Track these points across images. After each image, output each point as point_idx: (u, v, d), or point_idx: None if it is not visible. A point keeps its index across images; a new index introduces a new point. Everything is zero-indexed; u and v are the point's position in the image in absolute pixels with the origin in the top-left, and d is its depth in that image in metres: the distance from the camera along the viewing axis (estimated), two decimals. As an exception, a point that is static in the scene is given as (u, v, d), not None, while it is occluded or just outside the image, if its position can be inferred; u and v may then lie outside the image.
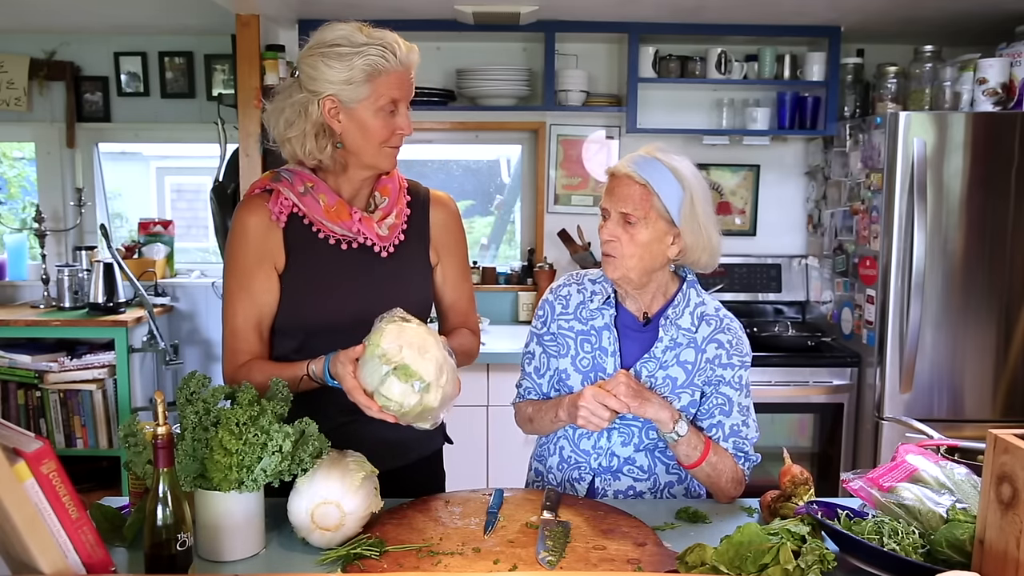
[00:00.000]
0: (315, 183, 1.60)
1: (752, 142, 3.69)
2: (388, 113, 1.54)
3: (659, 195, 1.54)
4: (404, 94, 1.55)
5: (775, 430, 3.28)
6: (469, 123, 3.66)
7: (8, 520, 1.06)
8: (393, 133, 1.56)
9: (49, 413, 3.39)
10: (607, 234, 1.58)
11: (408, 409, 1.37)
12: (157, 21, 3.45)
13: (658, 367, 1.63)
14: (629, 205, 1.55)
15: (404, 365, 1.35)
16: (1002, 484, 1.10)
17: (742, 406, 1.65)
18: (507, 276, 3.79)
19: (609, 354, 1.64)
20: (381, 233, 1.62)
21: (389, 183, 1.67)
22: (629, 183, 1.55)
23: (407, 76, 1.55)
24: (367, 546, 1.32)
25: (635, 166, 1.55)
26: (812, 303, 3.70)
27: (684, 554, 1.28)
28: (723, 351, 1.63)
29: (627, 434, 1.66)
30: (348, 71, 1.50)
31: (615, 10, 3.20)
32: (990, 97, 3.06)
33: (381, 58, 1.50)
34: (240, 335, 1.60)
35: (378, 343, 1.37)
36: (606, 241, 1.58)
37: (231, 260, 1.60)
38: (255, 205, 1.60)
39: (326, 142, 1.56)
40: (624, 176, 1.56)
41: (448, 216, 1.74)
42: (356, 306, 1.58)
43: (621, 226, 1.56)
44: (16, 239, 3.86)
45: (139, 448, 1.34)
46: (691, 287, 1.68)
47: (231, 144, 3.30)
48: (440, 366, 1.39)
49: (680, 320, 1.64)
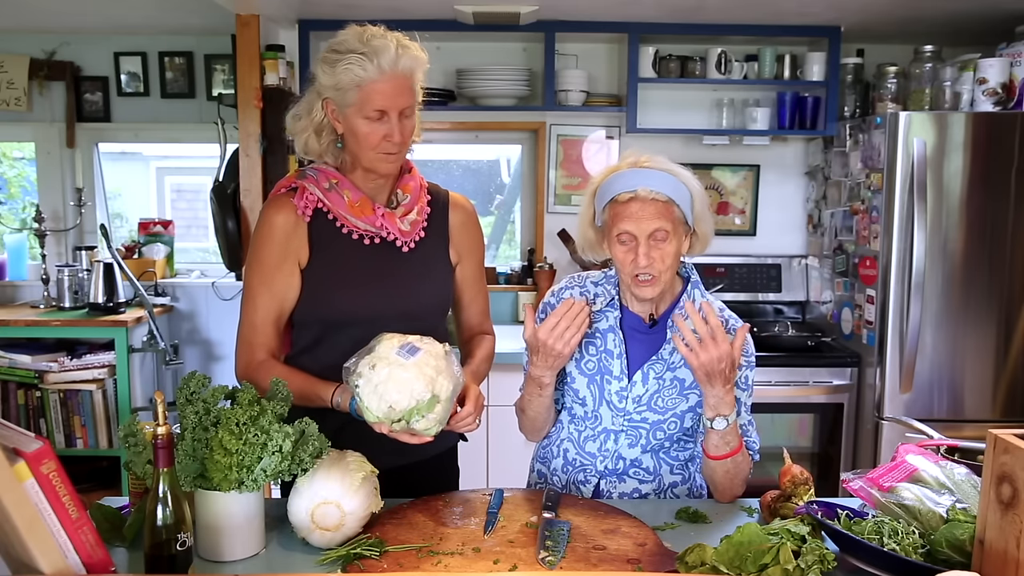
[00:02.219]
0: (339, 180, 1.64)
1: (752, 142, 3.69)
2: (376, 120, 1.55)
3: (678, 205, 1.55)
4: (392, 103, 1.54)
5: (775, 430, 3.28)
6: (469, 123, 3.66)
7: (8, 520, 1.06)
8: (383, 140, 1.56)
9: (49, 413, 3.39)
10: (644, 260, 1.53)
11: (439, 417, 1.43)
12: (157, 21, 3.45)
13: (666, 368, 1.63)
14: (659, 223, 1.53)
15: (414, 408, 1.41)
16: (1002, 484, 1.10)
17: (748, 407, 1.65)
18: (507, 276, 3.79)
19: (615, 356, 1.64)
20: (403, 228, 1.66)
21: (411, 181, 1.71)
22: (653, 203, 1.53)
23: (397, 84, 1.53)
24: (367, 546, 1.32)
25: (652, 184, 1.54)
26: (812, 303, 3.70)
27: (684, 554, 1.28)
28: None
29: (634, 436, 1.65)
30: (335, 77, 1.53)
31: (615, 10, 3.20)
32: (990, 97, 3.06)
33: (360, 68, 1.51)
34: (258, 329, 1.63)
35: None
36: (644, 267, 1.54)
37: (255, 255, 1.63)
38: (281, 203, 1.63)
39: (327, 140, 1.62)
40: (649, 199, 1.53)
41: (467, 218, 1.78)
42: (377, 300, 1.63)
43: (652, 246, 1.54)
44: (16, 239, 3.85)
45: (139, 448, 1.34)
46: (695, 287, 1.68)
47: (231, 144, 3.30)
48: (431, 379, 1.41)
49: (687, 321, 1.64)
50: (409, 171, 1.72)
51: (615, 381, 1.64)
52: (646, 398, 1.63)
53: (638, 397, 1.63)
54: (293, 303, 1.64)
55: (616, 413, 1.65)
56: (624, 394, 1.63)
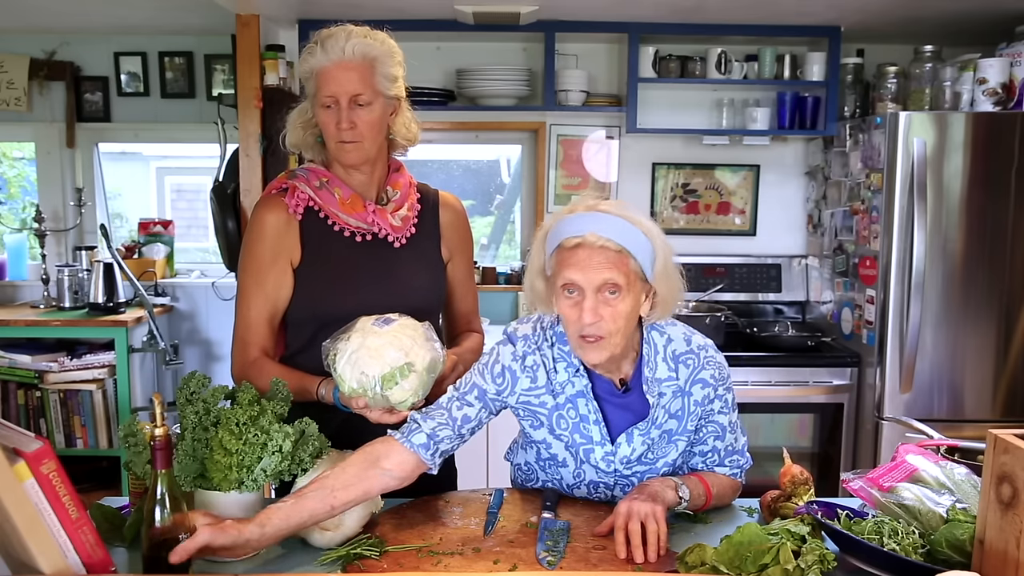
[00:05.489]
0: (330, 178, 1.65)
1: (752, 142, 3.69)
2: (329, 108, 1.57)
3: (634, 256, 1.38)
4: (340, 88, 1.55)
5: (775, 430, 3.28)
6: (469, 123, 3.66)
7: (8, 520, 1.06)
8: (336, 128, 1.58)
9: (49, 413, 3.39)
10: (590, 315, 1.36)
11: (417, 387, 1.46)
12: (157, 21, 3.45)
13: (651, 426, 1.51)
14: (609, 275, 1.35)
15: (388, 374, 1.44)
16: (1002, 484, 1.10)
17: (732, 423, 1.57)
18: (507, 276, 3.79)
19: (591, 423, 1.51)
20: (395, 224, 1.67)
21: (400, 178, 1.72)
22: (602, 251, 1.36)
23: (345, 70, 1.54)
24: (367, 546, 1.33)
25: (605, 231, 1.36)
26: (812, 303, 3.69)
27: (684, 554, 1.28)
28: (710, 388, 1.51)
29: (625, 484, 1.57)
30: (300, 68, 1.60)
31: (615, 10, 3.20)
32: (990, 97, 3.06)
33: (312, 56, 1.56)
34: (252, 328, 1.64)
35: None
36: (590, 324, 1.37)
37: (247, 255, 1.64)
38: (272, 202, 1.65)
39: (310, 134, 1.67)
40: (598, 247, 1.36)
41: (457, 216, 1.79)
42: (370, 296, 1.63)
43: (601, 301, 1.37)
44: (16, 239, 3.86)
45: (139, 448, 1.34)
46: (651, 331, 1.52)
47: (231, 144, 3.30)
48: (406, 348, 1.45)
49: (658, 372, 1.49)
50: (398, 169, 1.74)
51: (598, 447, 1.52)
52: (635, 456, 1.53)
53: (626, 458, 1.52)
54: (286, 302, 1.65)
55: (604, 475, 1.55)
56: (611, 458, 1.52)
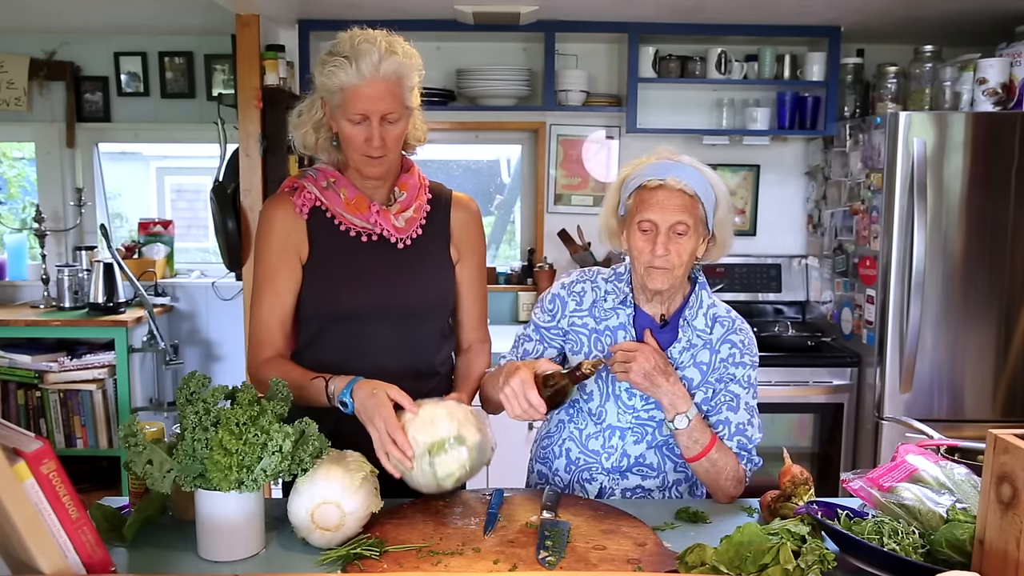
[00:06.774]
0: (337, 179, 1.67)
1: (752, 142, 3.69)
2: (358, 123, 1.56)
3: (703, 203, 1.56)
4: (372, 107, 1.53)
5: (775, 430, 3.28)
6: (469, 123, 3.66)
7: (8, 520, 1.06)
8: (364, 143, 1.57)
9: (49, 413, 3.39)
10: (661, 249, 1.54)
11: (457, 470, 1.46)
12: (157, 21, 3.45)
13: (674, 367, 1.63)
14: (681, 216, 1.54)
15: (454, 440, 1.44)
16: (1002, 484, 1.10)
17: (748, 405, 1.65)
18: (507, 276, 3.79)
19: None
20: (398, 225, 1.67)
21: (409, 179, 1.72)
22: (680, 195, 1.54)
23: (378, 89, 1.53)
24: (367, 546, 1.32)
25: (682, 177, 1.54)
26: (812, 303, 3.70)
27: (684, 554, 1.28)
28: (736, 350, 1.65)
29: (640, 432, 1.66)
30: (323, 80, 1.56)
31: (615, 10, 3.20)
32: (990, 97, 3.06)
33: (343, 72, 1.52)
34: (264, 325, 1.66)
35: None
36: (660, 256, 1.55)
37: (258, 255, 1.68)
38: (280, 201, 1.68)
39: (324, 137, 1.66)
40: (676, 189, 1.54)
41: (469, 216, 1.78)
42: (374, 296, 1.65)
43: (671, 238, 1.55)
44: (16, 239, 3.86)
45: (139, 448, 1.34)
46: (703, 289, 1.69)
47: (231, 144, 3.30)
48: (459, 422, 1.45)
49: (695, 321, 1.65)
50: (408, 170, 1.73)
51: None
52: None
53: (647, 394, 1.63)
54: (296, 299, 1.67)
55: (623, 410, 1.66)
56: (634, 391, 1.64)
